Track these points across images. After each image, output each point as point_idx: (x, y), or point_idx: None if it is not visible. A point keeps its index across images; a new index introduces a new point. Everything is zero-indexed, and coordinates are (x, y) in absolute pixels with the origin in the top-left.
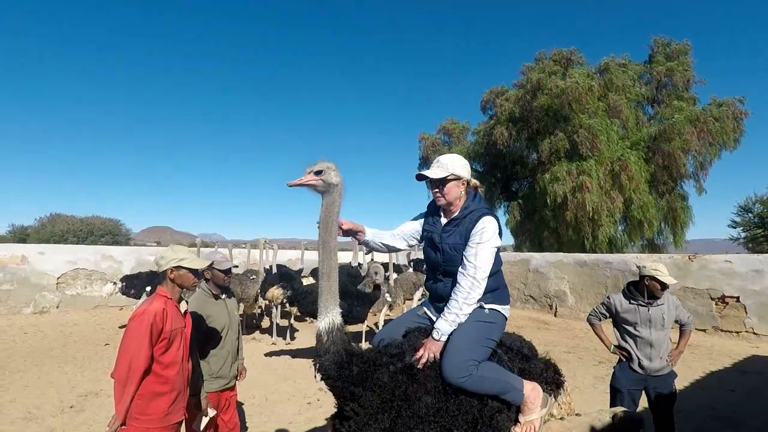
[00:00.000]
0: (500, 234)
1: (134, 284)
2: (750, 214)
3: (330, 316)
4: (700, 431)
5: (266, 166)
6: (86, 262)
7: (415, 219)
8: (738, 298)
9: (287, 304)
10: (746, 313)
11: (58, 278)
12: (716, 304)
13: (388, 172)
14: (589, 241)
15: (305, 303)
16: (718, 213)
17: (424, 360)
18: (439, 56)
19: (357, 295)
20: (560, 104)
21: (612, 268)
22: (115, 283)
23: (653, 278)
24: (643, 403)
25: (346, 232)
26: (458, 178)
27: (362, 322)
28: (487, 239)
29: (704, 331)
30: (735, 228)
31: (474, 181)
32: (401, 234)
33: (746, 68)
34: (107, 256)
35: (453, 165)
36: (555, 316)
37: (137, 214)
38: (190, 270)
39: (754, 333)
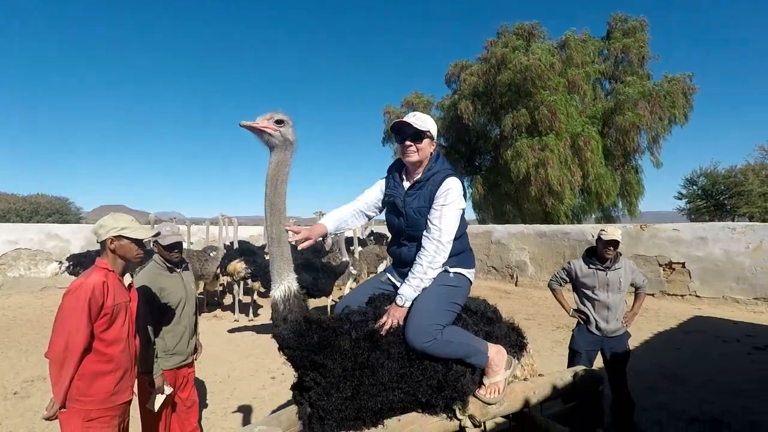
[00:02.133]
0: (465, 196)
1: (83, 263)
2: (695, 187)
3: (285, 282)
4: (650, 388)
5: (226, 142)
6: (29, 242)
7: (375, 186)
8: (683, 263)
9: (250, 280)
10: (690, 277)
11: None
12: (664, 270)
13: (352, 146)
14: (554, 213)
15: (269, 278)
16: (667, 186)
17: (387, 326)
18: (405, 29)
19: (322, 268)
20: (522, 80)
21: (570, 239)
22: (60, 263)
23: (599, 239)
24: (598, 363)
25: (306, 241)
26: (432, 138)
27: (328, 295)
28: (452, 201)
29: (653, 295)
30: (681, 200)
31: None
32: (363, 207)
33: (696, 44)
34: (53, 235)
35: (431, 123)
36: (516, 285)
37: (89, 192)
38: (133, 240)
39: (697, 296)
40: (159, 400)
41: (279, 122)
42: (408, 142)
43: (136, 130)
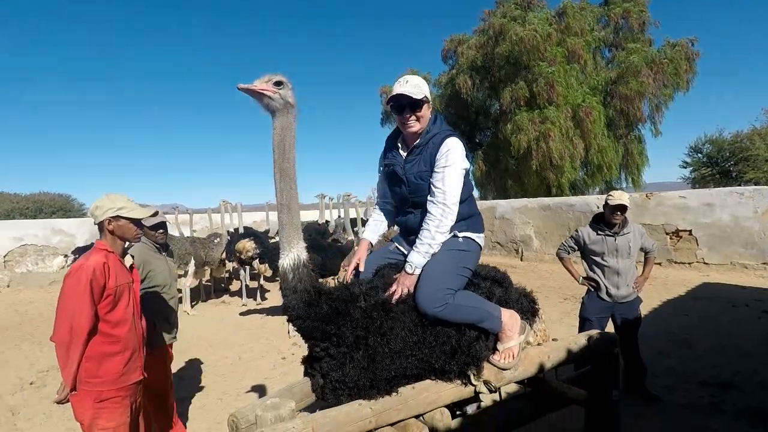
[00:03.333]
0: (467, 156)
1: None
2: (699, 155)
3: (294, 251)
4: (660, 353)
5: (225, 132)
6: (34, 238)
7: (379, 176)
8: (690, 231)
9: (257, 262)
10: (698, 245)
11: (4, 256)
12: (670, 238)
13: (349, 128)
14: (555, 187)
15: (277, 260)
16: (670, 156)
17: (398, 295)
18: (399, 6)
19: (329, 248)
20: (519, 52)
21: (575, 210)
22: (66, 256)
23: (606, 204)
24: (609, 329)
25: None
26: (429, 101)
27: (335, 275)
28: (453, 161)
29: (659, 264)
30: (685, 168)
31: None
32: (384, 204)
33: (697, 7)
34: (57, 230)
35: (425, 85)
36: (521, 260)
37: (90, 188)
38: (131, 220)
39: (705, 263)
40: None
41: (278, 84)
42: (407, 114)
43: (134, 124)
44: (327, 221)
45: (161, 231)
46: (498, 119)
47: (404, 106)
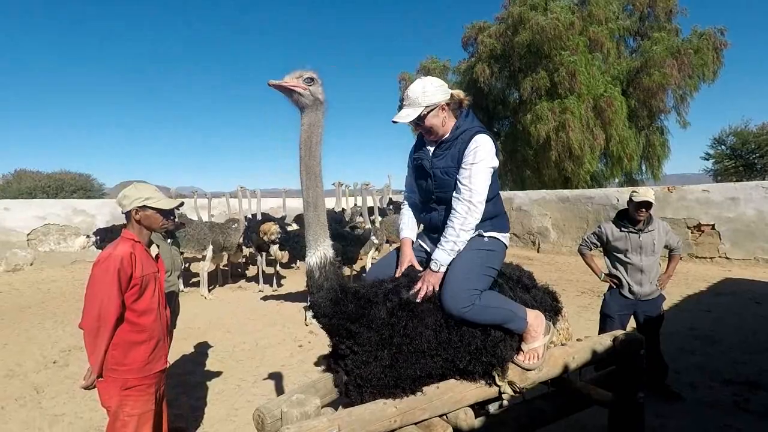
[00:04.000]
0: (497, 154)
1: (109, 237)
2: (723, 147)
3: (321, 249)
4: (682, 349)
5: (245, 116)
6: (57, 218)
7: (408, 169)
8: (713, 225)
9: (274, 248)
10: (720, 239)
11: (28, 235)
12: (692, 233)
13: (367, 114)
14: (574, 178)
15: (297, 247)
16: (693, 147)
17: (422, 293)
18: None
19: (348, 237)
20: (541, 41)
21: (594, 203)
22: (87, 236)
23: (630, 200)
24: (631, 326)
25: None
26: (435, 107)
27: (354, 263)
28: (481, 159)
29: (681, 258)
30: (708, 160)
31: (458, 93)
32: (412, 198)
33: None
34: (79, 211)
35: (425, 96)
36: (538, 252)
37: (110, 168)
38: (158, 210)
39: (727, 258)
40: None
41: (309, 80)
42: (417, 128)
43: (154, 107)
44: (343, 209)
45: (171, 218)
46: (517, 109)
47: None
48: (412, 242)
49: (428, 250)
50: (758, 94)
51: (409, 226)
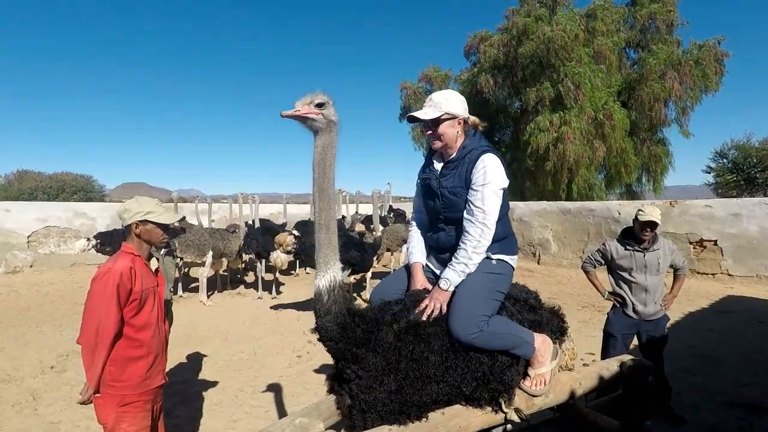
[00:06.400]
0: (506, 173)
1: (110, 241)
2: (724, 160)
3: (331, 272)
4: (682, 369)
5: (246, 119)
6: (57, 220)
7: (417, 189)
8: (715, 241)
9: (273, 256)
10: (722, 255)
11: (28, 236)
12: (694, 248)
13: (368, 123)
14: (575, 187)
15: (311, 258)
16: (694, 159)
17: (429, 311)
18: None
19: (363, 245)
20: (546, 52)
21: (595, 216)
22: (88, 239)
23: (635, 219)
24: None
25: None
26: (453, 117)
27: (368, 271)
28: (491, 179)
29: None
30: (709, 173)
31: (474, 119)
32: (420, 218)
33: (731, 7)
34: (80, 213)
35: (447, 103)
36: (538, 263)
37: (111, 170)
38: (158, 225)
39: (729, 274)
40: None
41: (320, 105)
42: (428, 131)
43: (155, 108)
44: (343, 216)
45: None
46: (518, 119)
47: (425, 121)
48: (422, 264)
49: (435, 271)
50: (764, 102)
51: (418, 249)
